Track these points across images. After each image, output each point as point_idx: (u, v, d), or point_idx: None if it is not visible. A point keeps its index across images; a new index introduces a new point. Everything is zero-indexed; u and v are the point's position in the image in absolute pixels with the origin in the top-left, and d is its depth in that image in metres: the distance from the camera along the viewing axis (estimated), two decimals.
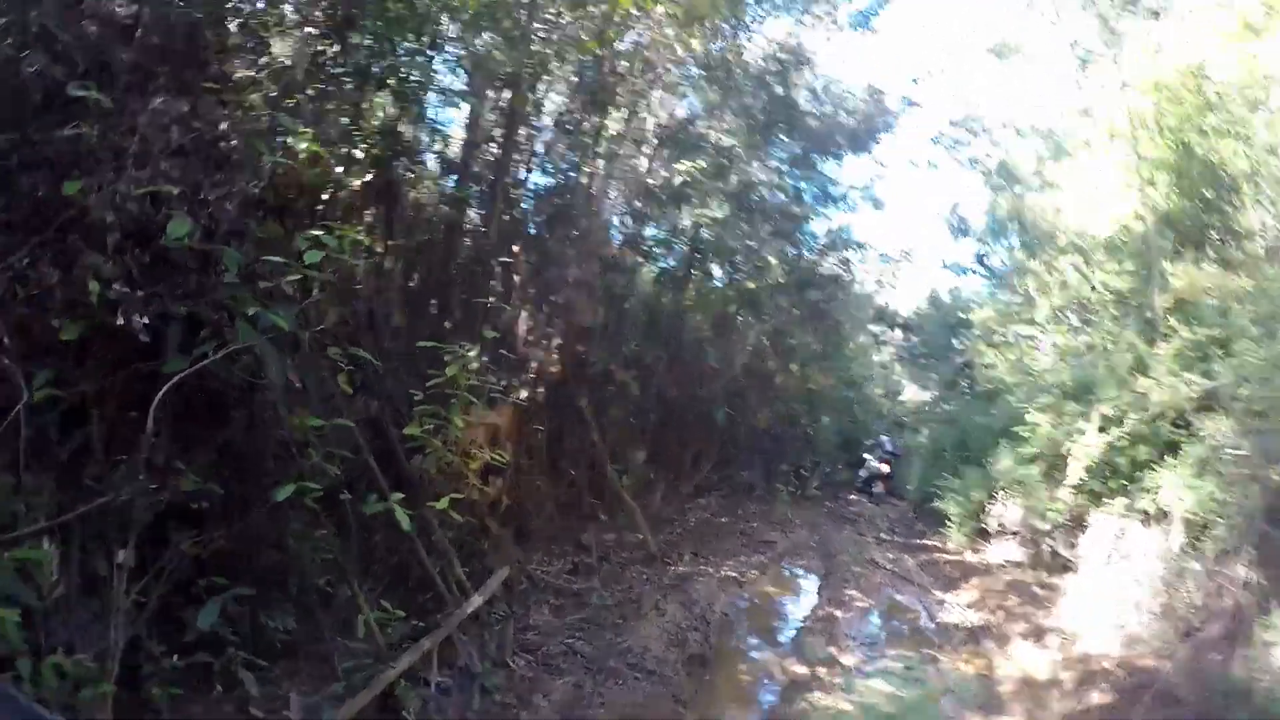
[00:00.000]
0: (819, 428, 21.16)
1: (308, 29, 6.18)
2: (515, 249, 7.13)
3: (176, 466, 4.03)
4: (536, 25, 7.96)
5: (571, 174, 10.47)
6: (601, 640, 6.90)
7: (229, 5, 5.29)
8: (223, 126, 4.55)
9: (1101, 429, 9.92)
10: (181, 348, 3.98)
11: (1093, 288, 12.19)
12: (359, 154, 6.27)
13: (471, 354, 5.69)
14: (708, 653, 7.60)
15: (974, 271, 28.80)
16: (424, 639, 5.24)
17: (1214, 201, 10.76)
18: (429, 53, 7.47)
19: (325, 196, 5.98)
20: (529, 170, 9.76)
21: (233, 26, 5.47)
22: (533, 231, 8.94)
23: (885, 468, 22.38)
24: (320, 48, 6.32)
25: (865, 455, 22.77)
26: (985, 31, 17.56)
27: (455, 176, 8.80)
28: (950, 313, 28.03)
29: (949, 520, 14.29)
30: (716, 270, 15.46)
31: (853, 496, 20.93)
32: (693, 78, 13.34)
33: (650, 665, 6.66)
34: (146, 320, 3.76)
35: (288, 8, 6.16)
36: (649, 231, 13.33)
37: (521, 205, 8.99)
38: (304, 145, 4.57)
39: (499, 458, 6.13)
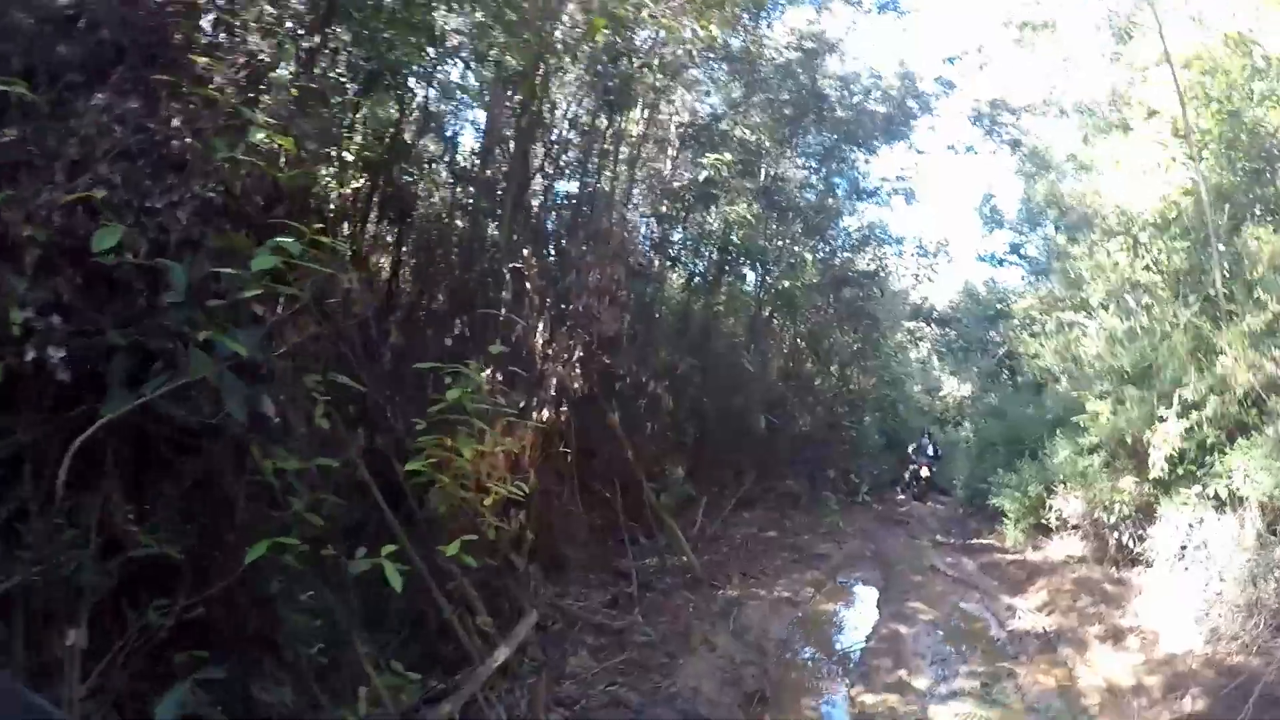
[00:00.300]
0: (862, 430, 20.37)
1: (289, 23, 5.59)
2: (527, 253, 6.43)
3: (130, 527, 3.38)
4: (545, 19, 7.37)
5: (590, 177, 9.88)
6: (647, 684, 6.14)
7: None
8: (176, 123, 3.92)
9: (1180, 414, 9.24)
10: (130, 383, 3.33)
11: (1146, 267, 11.44)
12: (350, 156, 5.64)
13: (481, 375, 5.00)
14: (766, 688, 6.80)
15: (1009, 262, 28.35)
16: (444, 702, 4.55)
17: (1263, 173, 10.34)
18: (429, 49, 6.86)
19: (313, 203, 5.40)
20: (546, 174, 9.14)
21: (205, 23, 4.87)
22: (550, 237, 8.26)
23: (926, 466, 22.13)
24: (306, 44, 5.75)
25: (911, 454, 22.39)
26: (1019, 7, 16.78)
27: (467, 183, 8.23)
28: (988, 304, 27.51)
29: (1005, 517, 13.71)
30: (748, 273, 14.75)
31: (901, 497, 20.91)
32: (714, 72, 12.73)
33: (703, 709, 5.92)
34: (68, 354, 3.10)
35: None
36: (676, 236, 12.70)
37: (537, 210, 8.35)
38: (260, 136, 3.90)
39: (517, 490, 5.40)
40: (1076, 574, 10.65)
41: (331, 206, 5.57)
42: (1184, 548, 9.05)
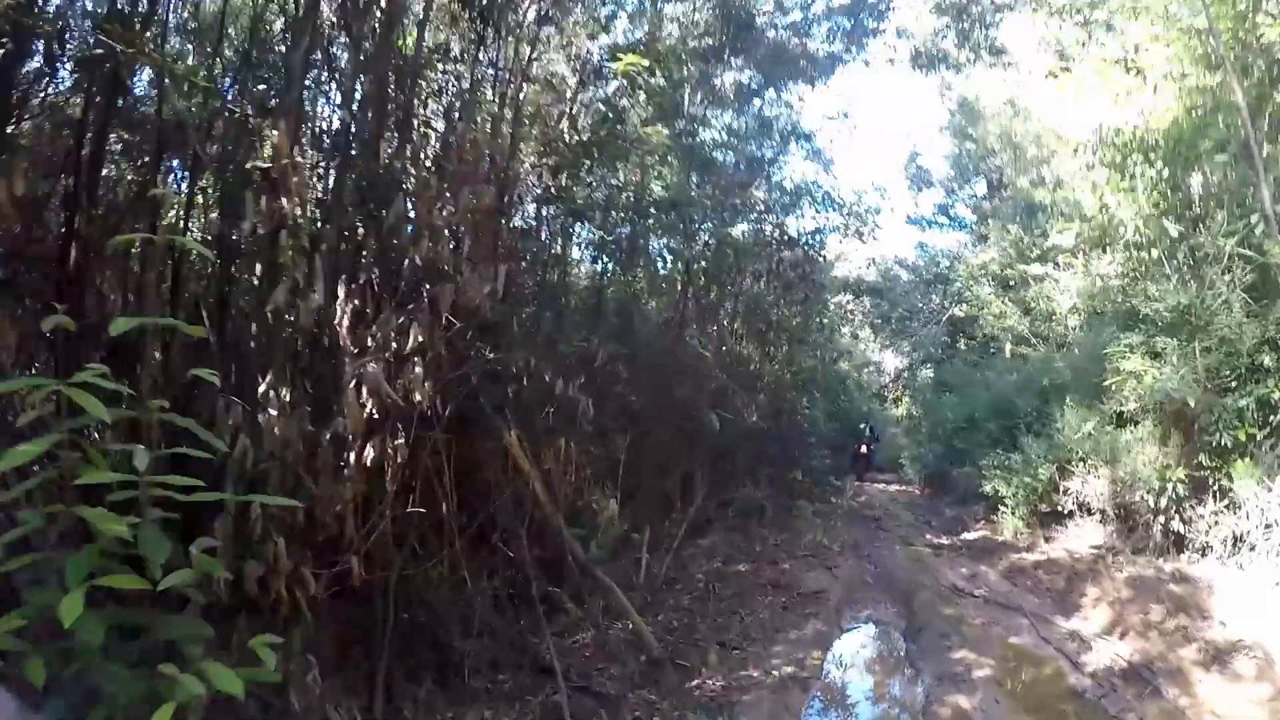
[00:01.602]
0: (812, 415, 17.96)
1: None
2: (280, 134, 3.35)
3: None
4: None
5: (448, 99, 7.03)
6: None
7: None
8: None
9: None
10: None
11: (1170, 190, 9.97)
12: None
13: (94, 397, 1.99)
14: None
15: (939, 224, 26.67)
16: None
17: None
18: None
19: None
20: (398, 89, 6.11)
21: None
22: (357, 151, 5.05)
23: (866, 445, 22.52)
24: None
25: (863, 436, 22.66)
26: None
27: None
28: (925, 269, 25.73)
29: (1002, 504, 12.13)
30: (673, 236, 11.89)
31: (857, 483, 19.98)
32: None
33: None
34: None
35: None
36: (580, 193, 9.88)
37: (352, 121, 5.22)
38: None
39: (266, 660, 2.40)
40: (1125, 573, 8.84)
41: None
42: (1270, 527, 7.91)
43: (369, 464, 3.69)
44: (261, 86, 5.41)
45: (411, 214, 4.13)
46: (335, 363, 3.64)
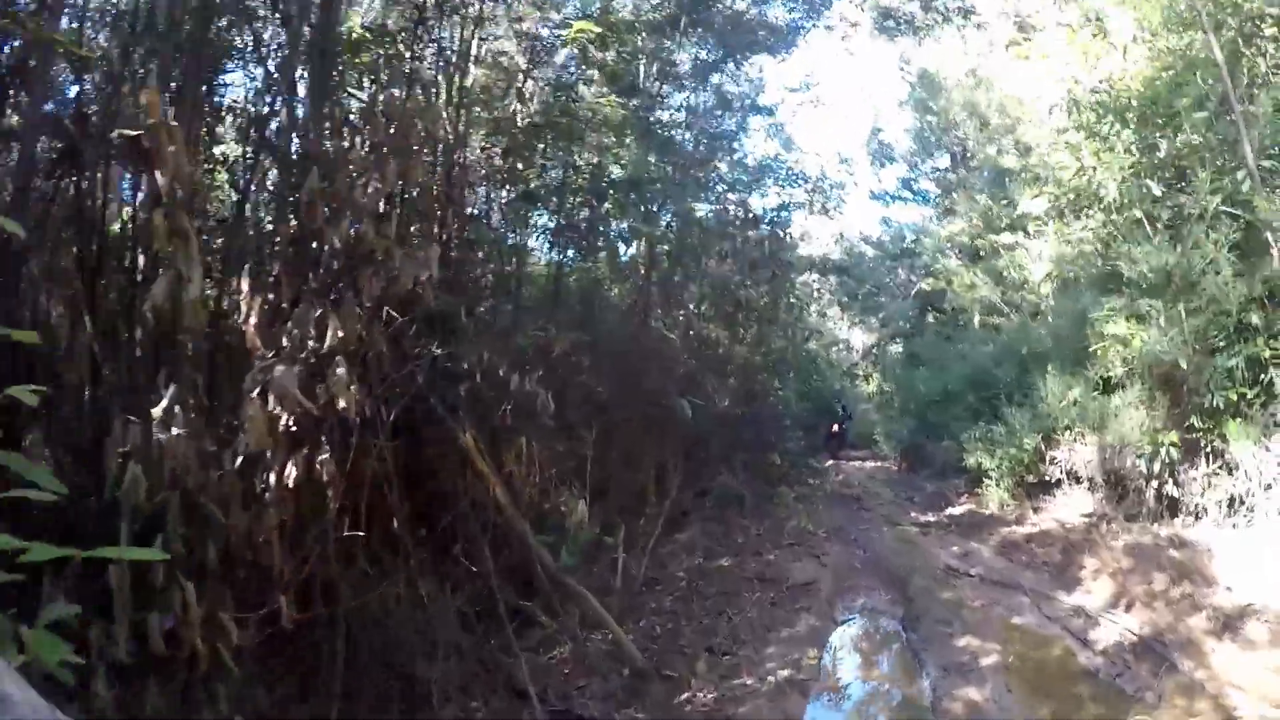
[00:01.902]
0: (784, 397, 17.55)
1: None
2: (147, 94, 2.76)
3: None
4: None
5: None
6: None
7: None
8: None
9: None
10: None
11: (1147, 153, 9.62)
12: None
13: None
14: None
15: (904, 198, 26.41)
16: None
17: (1252, 39, 9.32)
18: None
19: None
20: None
21: None
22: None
23: (838, 424, 22.34)
24: None
25: (836, 414, 22.56)
26: None
27: None
28: (892, 244, 25.51)
29: (986, 476, 11.76)
30: (628, 222, 11.39)
31: (830, 462, 19.41)
32: None
33: None
34: None
35: None
36: (534, 177, 9.34)
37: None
38: None
39: None
40: (1121, 542, 8.56)
41: None
42: (1269, 487, 7.79)
43: (293, 483, 3.16)
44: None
45: (324, 179, 3.58)
46: (244, 368, 3.10)
